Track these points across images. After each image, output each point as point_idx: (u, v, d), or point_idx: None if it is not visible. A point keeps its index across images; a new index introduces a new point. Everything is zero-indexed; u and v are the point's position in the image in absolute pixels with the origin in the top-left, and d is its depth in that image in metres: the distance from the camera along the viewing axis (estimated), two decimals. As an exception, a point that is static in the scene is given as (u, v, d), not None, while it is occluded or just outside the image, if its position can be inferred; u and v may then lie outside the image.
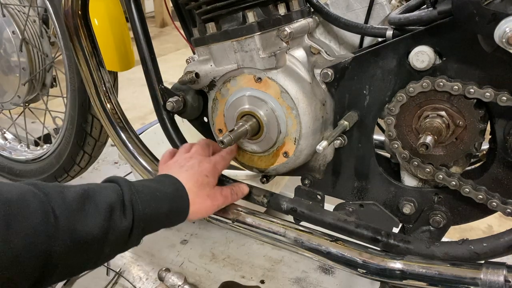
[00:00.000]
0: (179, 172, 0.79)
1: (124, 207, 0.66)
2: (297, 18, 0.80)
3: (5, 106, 1.53)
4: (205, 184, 0.80)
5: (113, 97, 1.08)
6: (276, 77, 0.77)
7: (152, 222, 0.71)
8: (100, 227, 0.61)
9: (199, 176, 0.79)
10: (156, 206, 0.70)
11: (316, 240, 0.83)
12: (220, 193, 0.83)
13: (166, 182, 0.76)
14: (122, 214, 0.65)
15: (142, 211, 0.67)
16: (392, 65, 0.72)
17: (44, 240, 0.54)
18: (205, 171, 0.81)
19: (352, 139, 0.80)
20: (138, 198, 0.68)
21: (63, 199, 0.59)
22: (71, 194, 0.60)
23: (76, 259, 0.59)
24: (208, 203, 0.80)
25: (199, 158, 0.84)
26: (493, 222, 1.54)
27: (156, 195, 0.71)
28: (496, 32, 0.55)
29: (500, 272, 0.67)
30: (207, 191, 0.80)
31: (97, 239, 0.61)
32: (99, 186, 0.66)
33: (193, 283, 1.23)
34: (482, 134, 0.69)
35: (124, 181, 0.70)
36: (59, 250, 0.55)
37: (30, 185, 0.58)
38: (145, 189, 0.70)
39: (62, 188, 0.61)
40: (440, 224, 0.76)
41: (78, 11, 0.98)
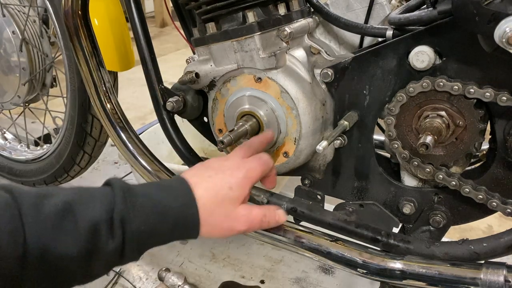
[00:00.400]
0: (201, 178, 0.64)
1: (113, 226, 0.55)
2: (297, 18, 0.80)
3: (5, 106, 1.53)
4: (226, 200, 0.63)
5: (113, 97, 1.08)
6: (276, 77, 0.77)
7: (150, 240, 0.60)
8: (80, 249, 0.52)
9: (220, 189, 0.63)
10: (156, 223, 0.58)
11: (316, 240, 0.83)
12: (246, 216, 0.66)
13: (175, 192, 0.62)
14: (109, 233, 0.54)
15: (135, 229, 0.56)
16: (392, 65, 0.72)
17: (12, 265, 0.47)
18: (232, 181, 0.65)
19: (352, 139, 0.80)
20: (132, 213, 0.56)
21: (38, 214, 0.50)
22: (49, 208, 0.51)
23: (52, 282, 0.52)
24: (225, 225, 0.64)
25: (233, 161, 0.68)
26: (493, 222, 1.54)
27: (158, 210, 0.59)
28: (496, 32, 0.55)
29: (500, 272, 0.67)
30: (228, 210, 0.64)
31: (76, 262, 0.52)
32: (86, 197, 0.56)
33: (193, 283, 1.23)
34: (482, 134, 0.69)
35: (120, 190, 0.58)
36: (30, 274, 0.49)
37: (8, 192, 0.51)
38: (145, 201, 0.58)
39: (41, 199, 0.52)
40: (440, 224, 0.76)
41: (78, 11, 0.98)
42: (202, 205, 0.62)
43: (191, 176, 0.65)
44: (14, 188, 0.52)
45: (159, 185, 0.64)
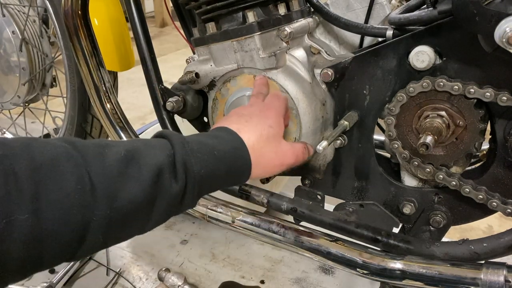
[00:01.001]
0: (240, 124, 0.66)
1: (176, 169, 0.56)
2: (297, 18, 0.80)
3: (5, 106, 1.53)
4: (270, 138, 0.66)
5: (113, 97, 1.08)
6: (276, 77, 0.77)
7: (209, 184, 0.61)
8: (146, 193, 0.53)
9: (262, 129, 0.66)
10: (213, 167, 0.60)
11: (316, 240, 0.83)
12: (291, 150, 0.69)
13: (224, 138, 0.63)
14: (172, 177, 0.56)
15: (197, 173, 0.58)
16: (392, 65, 0.72)
17: (79, 211, 0.47)
18: (269, 121, 0.67)
19: (352, 139, 0.80)
20: (193, 158, 0.57)
21: (102, 162, 0.51)
22: (112, 156, 0.52)
23: (118, 229, 0.52)
24: (276, 162, 0.67)
25: (258, 105, 0.70)
26: (493, 222, 1.54)
27: (214, 154, 0.60)
28: (496, 32, 0.55)
29: (500, 272, 0.67)
30: (274, 146, 0.66)
31: (142, 206, 0.53)
32: (146, 144, 0.57)
33: (193, 283, 1.23)
34: (482, 134, 0.69)
35: (177, 138, 0.59)
36: (98, 221, 0.49)
37: (67, 143, 0.51)
38: (201, 147, 0.59)
39: (103, 148, 0.52)
40: (440, 224, 0.76)
41: (78, 11, 0.98)
42: (251, 147, 0.64)
43: (227, 123, 0.67)
44: (74, 139, 0.53)
45: (206, 134, 0.65)
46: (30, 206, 0.44)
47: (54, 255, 0.47)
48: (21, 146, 0.47)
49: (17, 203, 0.43)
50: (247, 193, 0.91)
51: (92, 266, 1.31)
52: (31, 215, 0.43)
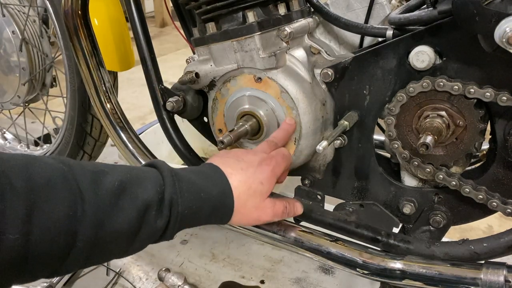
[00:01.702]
0: (234, 170, 0.68)
1: (162, 206, 0.59)
2: (297, 18, 0.80)
3: (5, 106, 1.53)
4: (257, 194, 0.68)
5: (113, 97, 1.08)
6: (276, 77, 0.77)
7: (189, 222, 0.64)
8: (132, 225, 0.55)
9: (253, 182, 0.67)
10: (197, 208, 0.63)
11: (316, 240, 0.83)
12: (271, 208, 0.70)
13: (214, 181, 0.66)
14: (158, 214, 0.58)
15: (180, 212, 0.61)
16: (392, 65, 0.72)
17: (67, 236, 0.49)
18: (262, 176, 0.69)
19: (352, 139, 0.80)
20: (180, 198, 0.60)
21: (96, 190, 0.53)
22: (106, 185, 0.54)
23: (99, 254, 0.55)
24: (254, 216, 0.69)
25: (260, 156, 0.71)
26: (493, 222, 1.54)
27: (200, 196, 0.63)
28: (496, 32, 0.55)
29: (500, 272, 0.67)
30: (257, 202, 0.68)
31: (125, 236, 0.56)
32: (138, 176, 0.59)
33: (193, 283, 1.23)
34: (482, 134, 0.69)
35: (168, 173, 0.61)
36: (82, 246, 0.51)
37: (65, 166, 0.52)
38: (190, 187, 0.62)
39: (98, 175, 0.55)
40: (440, 224, 0.76)
41: (78, 11, 0.98)
42: (237, 196, 0.66)
43: (223, 165, 0.69)
44: (71, 161, 0.54)
45: (198, 171, 0.67)
46: (21, 227, 0.46)
47: (35, 272, 0.50)
48: (20, 165, 0.49)
49: (10, 222, 0.45)
50: (247, 193, 0.91)
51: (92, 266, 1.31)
52: (21, 236, 0.46)
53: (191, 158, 0.96)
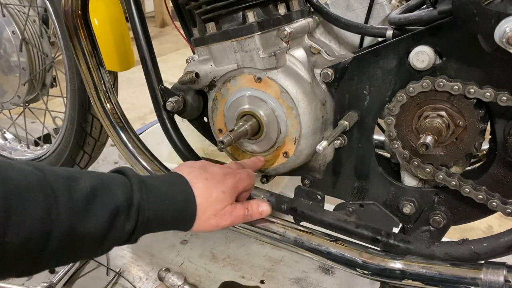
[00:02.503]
0: (198, 179, 0.72)
1: (130, 211, 0.63)
2: (297, 18, 0.80)
3: (5, 106, 1.53)
4: (218, 201, 0.73)
5: (113, 97, 1.08)
6: (276, 77, 0.77)
7: (154, 226, 0.68)
8: (102, 229, 0.59)
9: (214, 191, 0.72)
10: (162, 214, 0.67)
11: (316, 240, 0.83)
12: (229, 213, 0.75)
13: (178, 189, 0.71)
14: (126, 218, 0.62)
15: (146, 217, 0.65)
16: (392, 65, 0.72)
17: (40, 238, 0.53)
18: (224, 187, 0.74)
19: (352, 139, 0.80)
20: (146, 204, 0.64)
21: (70, 196, 0.56)
22: (79, 190, 0.58)
23: (70, 255, 0.59)
24: (212, 222, 0.73)
25: (225, 171, 0.77)
26: (493, 222, 1.54)
27: (165, 202, 0.67)
28: (496, 32, 0.55)
29: (500, 272, 0.67)
30: (217, 209, 0.73)
31: (95, 239, 0.59)
32: (109, 182, 0.63)
33: (193, 283, 1.23)
34: (482, 134, 0.69)
35: (135, 180, 0.65)
36: (55, 247, 0.54)
37: (39, 172, 0.56)
38: (156, 193, 0.67)
39: (72, 181, 0.58)
40: (440, 224, 0.76)
41: (78, 11, 0.98)
42: (199, 203, 0.71)
43: (188, 174, 0.73)
44: (44, 167, 0.57)
45: (164, 179, 0.71)
46: None
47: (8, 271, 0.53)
48: None
49: None
50: (247, 193, 0.91)
51: (92, 266, 1.31)
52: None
53: (191, 158, 0.96)
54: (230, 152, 0.90)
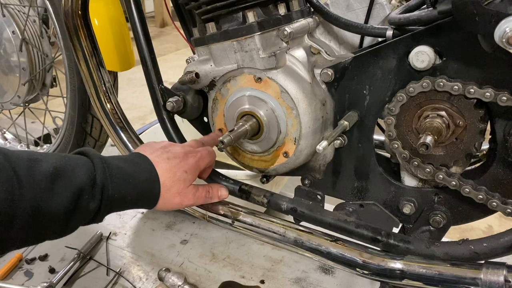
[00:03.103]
0: (160, 158, 0.75)
1: (94, 190, 0.64)
2: (297, 18, 0.80)
3: (5, 106, 1.54)
4: (181, 181, 0.75)
5: (113, 97, 1.08)
6: (276, 77, 0.77)
7: (119, 206, 0.69)
8: (66, 208, 0.60)
9: (177, 171, 0.75)
10: (126, 192, 0.68)
11: (316, 240, 0.83)
12: (193, 194, 0.78)
13: (141, 168, 0.72)
14: (91, 196, 0.63)
15: (111, 196, 0.66)
16: (392, 65, 0.72)
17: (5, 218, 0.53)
18: (187, 166, 0.77)
19: (352, 139, 0.80)
20: (110, 183, 0.66)
21: (32, 176, 0.57)
22: (41, 171, 0.58)
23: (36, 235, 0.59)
24: (176, 200, 0.76)
25: (186, 149, 0.79)
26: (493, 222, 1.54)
27: (129, 181, 0.69)
28: (496, 32, 0.55)
29: (500, 272, 0.67)
30: (180, 188, 0.76)
31: (60, 219, 0.60)
32: (71, 163, 0.64)
33: (193, 283, 1.23)
34: (482, 134, 0.69)
35: (98, 160, 0.67)
36: (19, 227, 0.55)
37: (1, 154, 0.56)
38: (119, 172, 0.68)
39: (33, 162, 0.59)
40: (440, 224, 0.76)
41: (78, 11, 0.98)
42: (162, 182, 0.73)
43: (151, 154, 0.75)
44: (5, 150, 0.58)
45: (126, 159, 0.73)
46: None
47: None
48: None
49: None
50: (247, 193, 0.92)
51: (92, 266, 1.31)
52: None
53: (191, 158, 0.96)
54: (230, 152, 0.90)
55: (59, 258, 1.34)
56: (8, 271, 1.28)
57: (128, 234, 1.44)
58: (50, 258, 1.35)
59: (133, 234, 1.44)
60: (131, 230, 1.46)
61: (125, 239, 1.42)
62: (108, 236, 1.43)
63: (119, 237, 1.43)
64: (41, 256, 1.34)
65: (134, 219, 1.51)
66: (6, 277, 1.27)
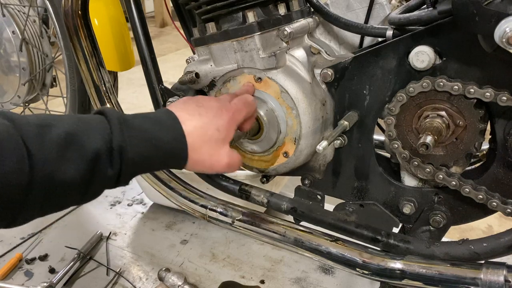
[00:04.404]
0: (190, 115, 0.66)
1: (112, 154, 0.58)
2: (297, 18, 0.80)
3: (5, 106, 1.54)
4: (212, 140, 0.66)
5: (113, 97, 1.08)
6: (276, 77, 0.77)
7: (144, 167, 0.64)
8: (82, 176, 0.55)
9: (209, 129, 0.66)
10: (148, 154, 0.61)
11: (316, 240, 0.83)
12: (226, 159, 0.69)
13: (166, 127, 0.64)
14: (108, 161, 0.58)
15: (131, 159, 0.60)
16: (392, 65, 0.72)
17: (19, 189, 0.50)
18: (220, 122, 0.67)
19: (352, 139, 0.80)
20: (129, 145, 0.59)
21: (42, 144, 0.52)
22: (52, 137, 0.54)
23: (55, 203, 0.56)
24: (207, 164, 0.68)
25: (222, 103, 0.70)
26: (493, 222, 1.54)
27: (151, 142, 0.62)
28: (496, 32, 0.55)
29: (500, 272, 0.67)
30: (213, 149, 0.67)
31: (77, 186, 0.56)
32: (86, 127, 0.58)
33: (193, 283, 1.23)
34: (482, 134, 0.69)
35: (116, 120, 0.60)
36: (33, 200, 0.52)
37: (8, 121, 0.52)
38: (139, 134, 0.61)
39: (44, 128, 0.54)
40: (440, 224, 0.76)
41: (78, 11, 0.98)
42: (191, 141, 0.65)
43: (180, 110, 0.67)
44: (14, 116, 0.53)
45: (151, 118, 0.65)
46: None
47: None
48: None
49: None
50: (247, 193, 0.92)
51: (92, 266, 1.31)
52: None
53: (191, 158, 0.96)
54: (230, 152, 0.90)
55: (59, 258, 1.34)
56: (8, 271, 1.28)
57: (128, 234, 1.44)
58: (50, 258, 1.35)
59: (133, 234, 1.44)
60: (131, 230, 1.46)
61: (125, 239, 1.42)
62: (108, 236, 1.43)
63: (119, 237, 1.43)
64: (41, 256, 1.34)
65: (134, 219, 1.51)
66: (6, 277, 1.27)
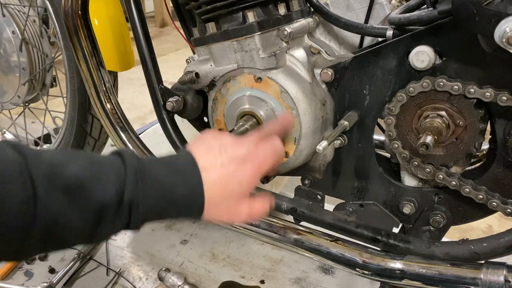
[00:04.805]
0: (211, 165, 0.60)
1: (120, 208, 0.55)
2: (297, 18, 0.80)
3: (5, 106, 1.53)
4: (233, 196, 0.62)
5: (113, 97, 1.08)
6: (276, 77, 0.77)
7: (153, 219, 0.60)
8: (87, 224, 0.53)
9: (230, 182, 0.61)
10: (161, 209, 0.58)
11: (316, 240, 0.83)
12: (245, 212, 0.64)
13: (184, 177, 0.60)
14: (116, 214, 0.55)
15: (142, 212, 0.57)
16: (392, 65, 0.72)
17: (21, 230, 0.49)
18: (244, 175, 0.62)
19: (352, 139, 0.80)
20: (142, 199, 0.56)
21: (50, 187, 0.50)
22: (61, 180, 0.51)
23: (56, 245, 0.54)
24: (225, 218, 0.64)
25: (247, 149, 0.63)
26: (493, 222, 1.54)
27: (166, 196, 0.58)
28: (496, 32, 0.55)
29: (500, 272, 0.67)
30: (232, 205, 0.62)
31: (81, 234, 0.54)
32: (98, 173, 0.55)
33: (193, 283, 1.23)
34: (482, 134, 0.69)
35: (132, 170, 0.56)
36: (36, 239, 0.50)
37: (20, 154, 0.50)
38: (155, 185, 0.57)
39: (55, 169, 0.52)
40: (440, 224, 0.76)
41: (78, 11, 0.98)
42: (209, 196, 0.60)
43: (201, 155, 0.61)
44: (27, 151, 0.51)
45: (169, 165, 0.61)
46: None
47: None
48: None
49: None
50: (247, 193, 0.91)
51: (92, 266, 1.31)
52: None
53: (191, 158, 0.96)
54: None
55: (59, 258, 1.34)
56: (8, 271, 1.28)
57: (128, 234, 1.44)
58: (50, 258, 1.35)
59: (133, 234, 1.44)
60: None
61: (125, 239, 1.42)
62: (108, 236, 1.42)
63: (119, 237, 1.43)
64: (41, 256, 1.34)
65: (134, 219, 1.51)
66: (6, 277, 1.27)
